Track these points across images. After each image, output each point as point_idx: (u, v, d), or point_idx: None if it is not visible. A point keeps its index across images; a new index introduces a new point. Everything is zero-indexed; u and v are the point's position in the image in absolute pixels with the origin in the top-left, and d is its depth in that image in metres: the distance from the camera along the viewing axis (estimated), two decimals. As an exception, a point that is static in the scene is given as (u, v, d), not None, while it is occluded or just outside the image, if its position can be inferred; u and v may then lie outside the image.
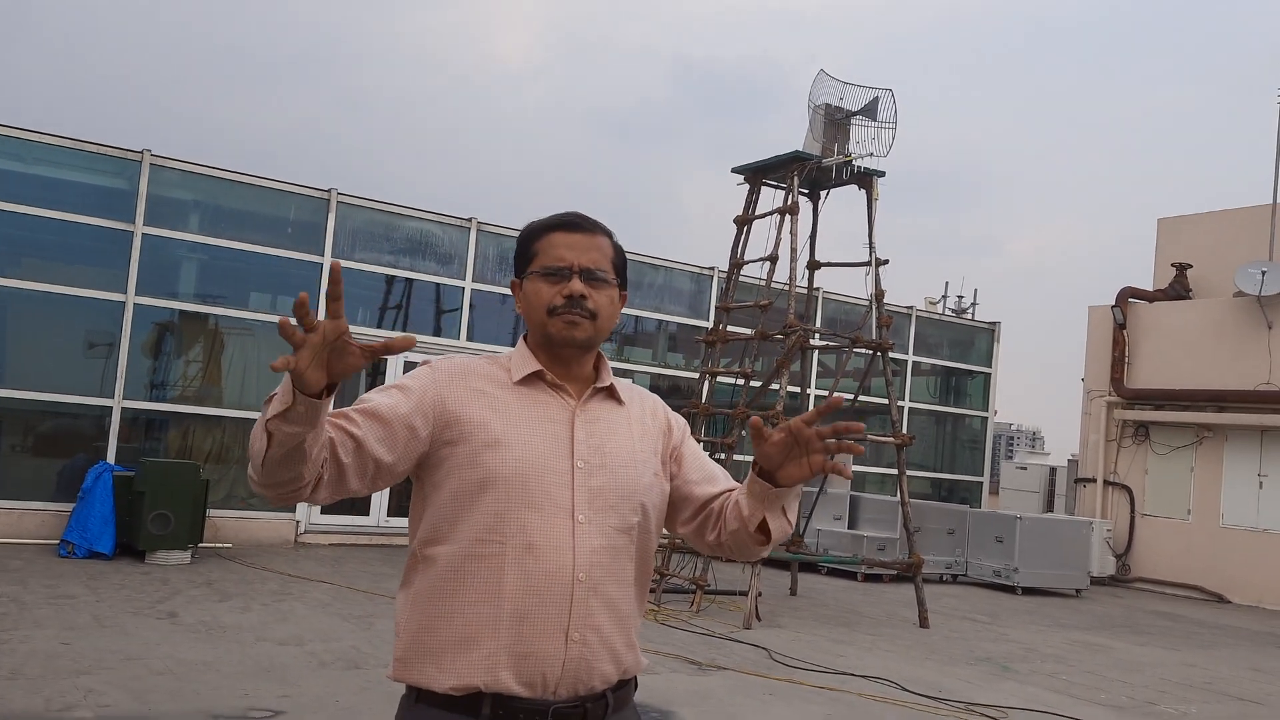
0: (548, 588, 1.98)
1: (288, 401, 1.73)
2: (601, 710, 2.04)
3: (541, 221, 2.20)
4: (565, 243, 2.14)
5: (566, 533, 2.00)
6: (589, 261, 2.13)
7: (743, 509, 2.11)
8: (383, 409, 1.97)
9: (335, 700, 6.25)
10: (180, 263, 13.15)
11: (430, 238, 14.59)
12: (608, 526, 2.05)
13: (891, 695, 7.51)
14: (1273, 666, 10.41)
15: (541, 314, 2.12)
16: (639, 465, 2.14)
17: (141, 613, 8.30)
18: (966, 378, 20.22)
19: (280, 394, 1.75)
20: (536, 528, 1.99)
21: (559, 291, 2.10)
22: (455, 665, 1.96)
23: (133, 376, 12.41)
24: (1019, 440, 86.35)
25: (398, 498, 13.81)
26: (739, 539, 2.14)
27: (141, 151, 12.55)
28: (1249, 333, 16.70)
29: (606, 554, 2.04)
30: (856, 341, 11.81)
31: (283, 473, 1.81)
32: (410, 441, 1.99)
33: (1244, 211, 18.73)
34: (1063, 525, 15.68)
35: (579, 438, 2.08)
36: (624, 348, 16.67)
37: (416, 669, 2.00)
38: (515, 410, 2.07)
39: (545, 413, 2.09)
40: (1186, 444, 17.35)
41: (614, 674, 2.06)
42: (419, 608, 2.02)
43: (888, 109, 11.46)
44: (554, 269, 2.12)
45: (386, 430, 1.96)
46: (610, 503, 2.06)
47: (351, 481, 1.94)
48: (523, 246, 2.20)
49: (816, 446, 1.99)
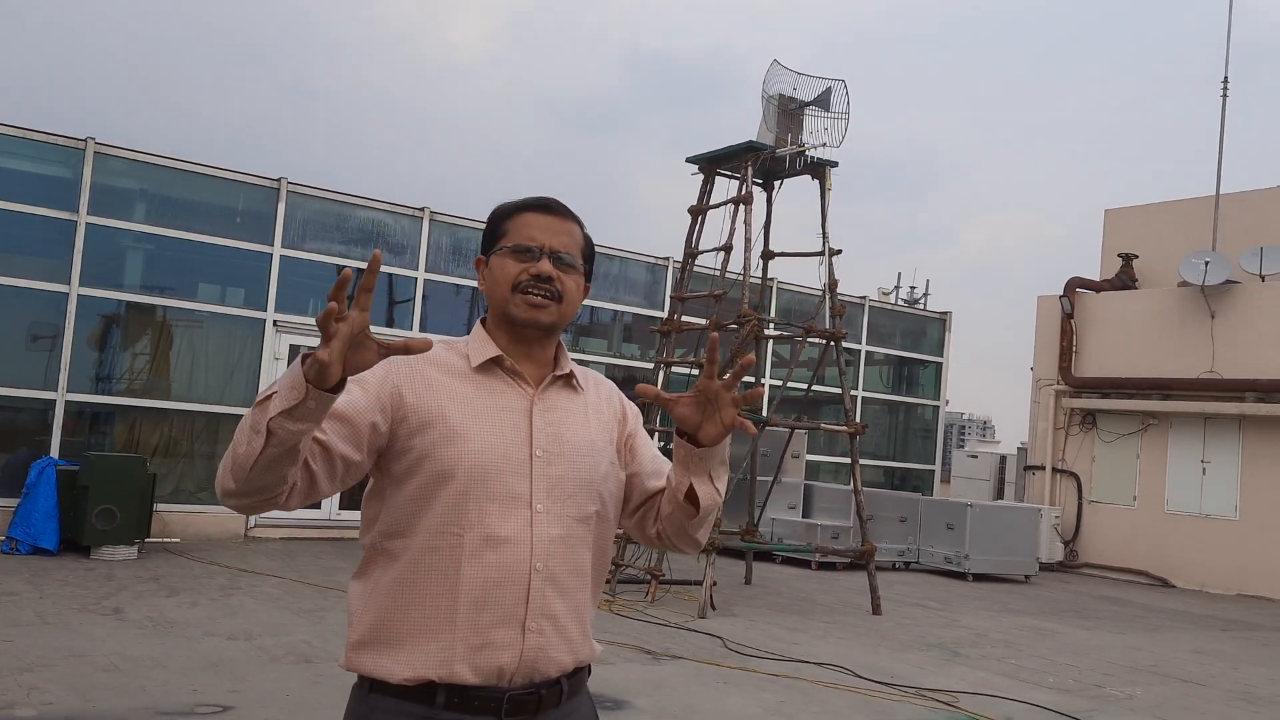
0: (505, 579, 1.96)
1: (298, 397, 1.68)
2: (556, 697, 2.03)
3: (514, 202, 2.18)
4: (538, 224, 2.11)
5: (524, 523, 1.99)
6: (559, 245, 2.11)
7: (670, 482, 2.11)
8: (344, 408, 1.92)
9: (285, 694, 6.18)
10: (126, 253, 12.94)
11: (382, 228, 14.47)
12: (566, 516, 2.03)
13: (844, 681, 7.56)
14: (1216, 649, 10.59)
15: (505, 290, 2.09)
16: (597, 454, 2.12)
17: (86, 609, 8.18)
18: (918, 367, 20.39)
19: (286, 389, 1.70)
20: (494, 519, 1.97)
21: (526, 269, 2.08)
22: (411, 657, 1.94)
23: (77, 369, 12.20)
24: (970, 429, 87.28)
25: (349, 491, 13.66)
26: (673, 520, 2.14)
27: (85, 139, 12.33)
28: (1193, 322, 16.96)
29: (564, 544, 2.03)
30: (810, 331, 11.85)
31: (268, 476, 1.77)
32: (373, 437, 1.96)
33: (1188, 203, 19.03)
34: (1012, 512, 15.87)
35: (537, 426, 2.06)
36: (579, 338, 16.63)
37: (370, 659, 1.98)
38: (473, 400, 2.04)
39: (503, 402, 2.06)
40: (1132, 431, 17.61)
41: (569, 662, 2.05)
42: (376, 599, 2.00)
43: (840, 100, 11.52)
44: (524, 247, 2.09)
45: (351, 429, 1.92)
46: (568, 492, 2.04)
47: (323, 486, 1.91)
48: (493, 225, 2.17)
49: (725, 400, 2.00)
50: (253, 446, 1.73)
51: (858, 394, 18.66)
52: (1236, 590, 16.03)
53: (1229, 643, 11.13)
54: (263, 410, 1.72)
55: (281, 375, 1.74)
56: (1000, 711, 7.05)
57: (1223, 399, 16.40)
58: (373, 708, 1.98)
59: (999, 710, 7.08)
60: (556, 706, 2.04)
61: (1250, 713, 7.72)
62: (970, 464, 21.59)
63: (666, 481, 2.14)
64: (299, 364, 1.71)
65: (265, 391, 1.73)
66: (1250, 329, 16.38)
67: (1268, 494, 16.02)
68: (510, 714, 1.97)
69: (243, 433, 1.75)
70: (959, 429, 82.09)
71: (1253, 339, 16.30)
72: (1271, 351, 16.02)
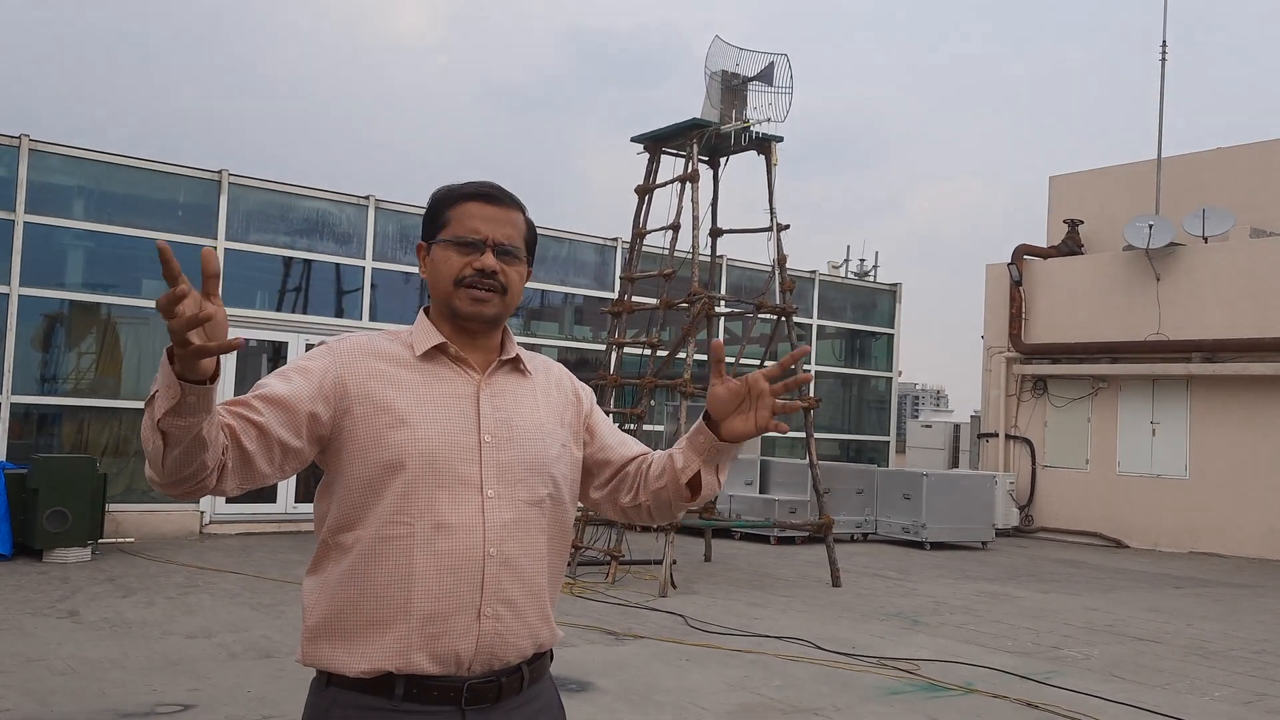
0: (458, 566, 1.95)
1: (175, 394, 1.64)
2: (517, 684, 2.02)
3: (457, 188, 2.13)
4: (481, 214, 2.07)
5: (475, 509, 1.97)
6: (503, 236, 2.07)
7: (675, 462, 2.09)
8: (283, 394, 1.91)
9: (247, 690, 6.13)
10: (66, 251, 12.72)
11: (328, 217, 14.32)
12: (517, 500, 2.02)
13: (807, 654, 7.62)
14: (1170, 606, 10.77)
15: (448, 285, 2.06)
16: (547, 437, 2.11)
17: (41, 613, 8.06)
18: (870, 339, 20.52)
19: (164, 390, 1.65)
20: (445, 506, 1.95)
21: (469, 263, 2.05)
22: (367, 649, 1.93)
23: (21, 370, 11.99)
24: (924, 399, 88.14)
25: (305, 484, 13.58)
26: (662, 497, 2.13)
27: (19, 136, 12.09)
28: (1139, 285, 17.19)
29: (517, 528, 2.01)
30: (761, 307, 11.88)
31: (185, 467, 1.74)
32: (313, 425, 1.94)
33: (1131, 167, 19.27)
34: (967, 480, 16.03)
35: (485, 411, 2.04)
36: (530, 322, 16.58)
37: (327, 652, 1.96)
38: (419, 387, 2.02)
39: (450, 388, 2.04)
40: (1083, 396, 17.84)
41: (529, 648, 2.04)
42: (329, 592, 1.98)
43: (784, 74, 11.51)
44: (467, 240, 2.05)
45: (289, 415, 1.91)
46: (519, 476, 2.03)
47: (260, 465, 1.88)
48: (434, 211, 2.12)
49: (766, 403, 1.99)
50: (155, 446, 1.71)
51: (810, 368, 18.76)
52: (1188, 548, 16.31)
53: (1182, 600, 11.32)
54: (151, 411, 1.69)
55: (159, 371, 1.69)
56: (961, 677, 7.14)
57: (1170, 360, 16.65)
58: (333, 700, 1.96)
59: (960, 676, 7.17)
60: (518, 693, 2.03)
61: (1205, 667, 7.86)
62: (925, 434, 21.78)
63: (670, 461, 2.11)
64: (166, 360, 1.66)
65: (151, 389, 1.69)
66: (1195, 291, 16.63)
67: (1216, 453, 16.30)
68: (471, 702, 1.96)
69: (145, 432, 1.72)
70: (913, 399, 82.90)
71: (1197, 300, 16.55)
72: (1216, 312, 16.28)
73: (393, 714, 1.93)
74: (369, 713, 1.93)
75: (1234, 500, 16.00)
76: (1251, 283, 16.04)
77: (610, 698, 6.29)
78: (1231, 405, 16.21)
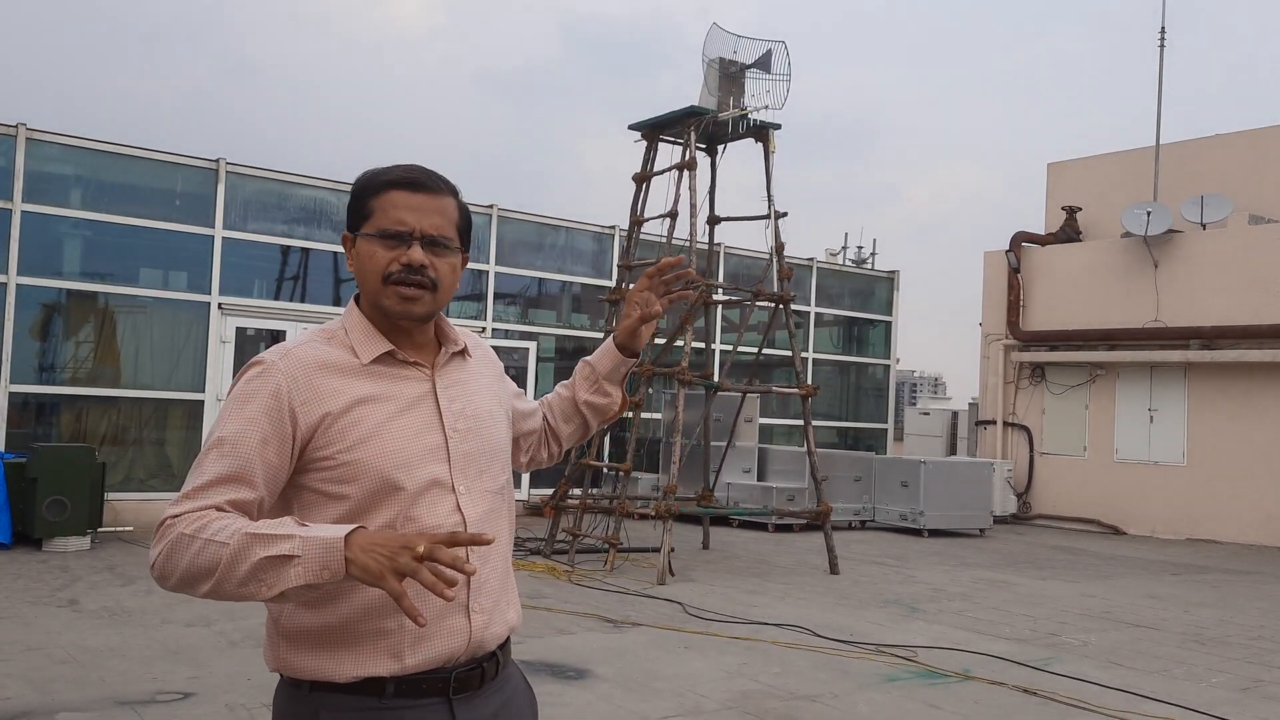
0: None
1: (329, 577, 1.64)
2: (495, 667, 2.04)
3: (380, 174, 1.99)
4: (406, 204, 1.95)
5: (452, 508, 1.95)
6: (431, 227, 1.96)
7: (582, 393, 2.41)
8: (249, 470, 1.84)
9: (246, 678, 6.15)
10: (64, 240, 12.71)
11: (326, 206, 14.30)
12: (485, 492, 2.01)
13: (804, 641, 7.64)
14: (1167, 593, 10.80)
15: (376, 281, 1.96)
16: (497, 423, 2.11)
17: (41, 602, 8.07)
18: (868, 327, 20.52)
19: (315, 565, 1.65)
20: (424, 512, 1.92)
21: (396, 258, 1.94)
22: (359, 655, 1.89)
23: (20, 360, 11.99)
24: (921, 386, 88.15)
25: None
26: (579, 428, 2.44)
27: (16, 125, 12.06)
28: (1137, 272, 17.19)
29: (489, 520, 2.01)
30: (758, 295, 11.88)
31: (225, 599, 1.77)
32: (281, 471, 1.89)
33: (1129, 154, 19.26)
34: (965, 467, 16.05)
35: (444, 406, 2.00)
36: (529, 310, 16.58)
37: (312, 664, 1.91)
38: (375, 396, 1.94)
39: (406, 390, 1.98)
40: (1080, 383, 17.86)
41: (504, 633, 2.06)
42: (313, 604, 1.89)
43: (782, 61, 11.49)
44: (392, 232, 1.94)
45: (277, 480, 1.88)
46: (481, 466, 2.02)
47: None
48: (357, 200, 1.99)
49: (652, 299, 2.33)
50: (239, 590, 1.70)
51: (808, 356, 18.78)
52: (1186, 535, 16.35)
53: (1180, 586, 11.36)
54: (275, 569, 1.67)
55: (305, 534, 1.66)
56: (959, 664, 7.16)
57: (1168, 347, 16.66)
58: (320, 704, 1.91)
59: (958, 663, 7.19)
60: (494, 677, 2.04)
61: (1202, 653, 7.89)
62: (922, 421, 21.79)
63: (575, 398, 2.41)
64: (340, 543, 1.64)
65: (272, 542, 1.67)
66: (1193, 277, 16.63)
67: (1214, 439, 16.33)
68: (458, 691, 1.96)
69: (224, 566, 1.69)
70: (910, 387, 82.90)
71: (1195, 287, 16.56)
72: (1214, 299, 16.29)
73: (382, 711, 1.90)
74: (359, 713, 1.90)
75: (1231, 487, 16.03)
76: (1249, 269, 16.04)
77: (609, 685, 6.31)
78: (1229, 392, 16.24)
